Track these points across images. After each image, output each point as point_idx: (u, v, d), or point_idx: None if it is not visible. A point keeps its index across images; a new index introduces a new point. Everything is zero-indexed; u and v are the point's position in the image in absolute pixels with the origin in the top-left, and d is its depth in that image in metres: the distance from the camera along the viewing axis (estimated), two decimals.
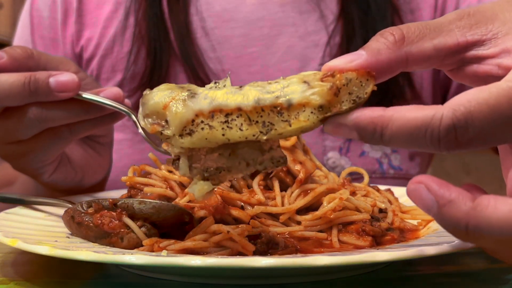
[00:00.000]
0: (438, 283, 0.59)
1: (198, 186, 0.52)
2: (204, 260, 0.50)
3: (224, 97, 0.49)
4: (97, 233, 0.62)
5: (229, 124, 0.49)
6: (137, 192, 0.71)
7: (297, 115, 0.48)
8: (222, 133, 0.49)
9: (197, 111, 0.49)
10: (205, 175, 0.52)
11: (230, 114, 0.49)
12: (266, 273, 0.57)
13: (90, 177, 0.88)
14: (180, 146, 0.50)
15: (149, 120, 0.51)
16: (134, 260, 0.51)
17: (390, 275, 0.61)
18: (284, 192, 0.68)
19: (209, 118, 0.49)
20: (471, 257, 0.67)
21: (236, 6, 1.09)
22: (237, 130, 0.49)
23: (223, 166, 0.51)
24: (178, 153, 0.51)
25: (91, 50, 1.11)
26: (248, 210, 0.65)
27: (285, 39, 1.07)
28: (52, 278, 0.60)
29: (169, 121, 0.50)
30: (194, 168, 0.52)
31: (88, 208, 0.65)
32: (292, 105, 0.48)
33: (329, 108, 0.47)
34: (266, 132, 0.48)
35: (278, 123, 0.48)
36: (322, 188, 0.67)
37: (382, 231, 0.65)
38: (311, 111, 0.47)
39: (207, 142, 0.49)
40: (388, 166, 1.07)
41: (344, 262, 0.51)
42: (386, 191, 0.77)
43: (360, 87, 0.47)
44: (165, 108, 0.50)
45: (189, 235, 0.62)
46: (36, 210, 0.74)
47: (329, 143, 1.05)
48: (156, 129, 0.50)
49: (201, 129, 0.49)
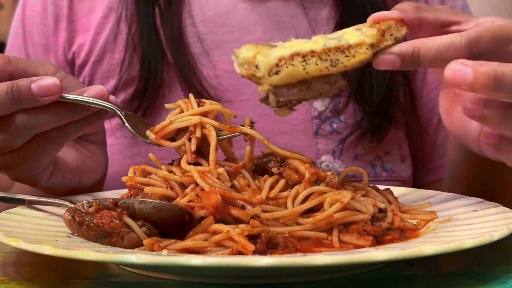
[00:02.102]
0: (438, 283, 0.59)
1: (285, 112, 0.69)
2: (204, 260, 0.50)
3: (299, 45, 0.66)
4: (98, 232, 0.63)
5: (307, 62, 0.65)
6: (137, 192, 0.71)
7: (355, 52, 0.66)
8: (303, 67, 0.65)
9: (280, 56, 0.65)
10: (288, 105, 0.69)
11: (305, 56, 0.65)
12: (266, 272, 0.57)
13: (89, 177, 0.88)
14: (270, 83, 0.66)
15: (245, 67, 0.67)
16: (135, 259, 0.52)
17: (390, 275, 0.61)
18: (288, 192, 0.69)
19: (290, 60, 0.65)
20: (471, 257, 0.67)
21: (229, 11, 1.09)
22: (314, 65, 0.65)
23: (302, 98, 0.68)
24: (267, 90, 0.66)
25: (83, 56, 1.11)
26: (248, 210, 0.65)
27: None
28: (53, 277, 0.61)
29: (258, 66, 0.66)
30: (280, 102, 0.68)
31: (89, 208, 0.66)
32: (351, 46, 0.66)
33: (377, 45, 0.66)
34: (334, 65, 0.66)
35: (342, 58, 0.66)
36: (329, 195, 0.67)
37: (383, 231, 0.65)
38: (366, 47, 0.66)
39: (291, 77, 0.65)
40: (381, 169, 1.07)
41: (344, 261, 0.51)
42: (385, 190, 0.77)
43: (397, 31, 0.67)
44: (254, 58, 0.66)
45: (189, 235, 0.62)
46: (37, 210, 0.74)
47: (322, 146, 1.06)
48: (250, 72, 0.66)
49: (286, 67, 0.65)
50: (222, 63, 1.07)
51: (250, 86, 1.05)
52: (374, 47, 0.66)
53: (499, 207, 0.71)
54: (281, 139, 1.05)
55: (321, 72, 0.65)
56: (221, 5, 1.10)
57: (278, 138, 1.05)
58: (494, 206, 0.72)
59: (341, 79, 0.69)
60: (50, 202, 0.75)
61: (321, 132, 1.06)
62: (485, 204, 0.73)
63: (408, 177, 1.11)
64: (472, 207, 0.73)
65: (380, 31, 0.66)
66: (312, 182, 0.70)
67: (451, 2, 1.16)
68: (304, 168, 0.70)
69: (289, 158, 0.72)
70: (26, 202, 0.75)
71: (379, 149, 1.07)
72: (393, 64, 0.66)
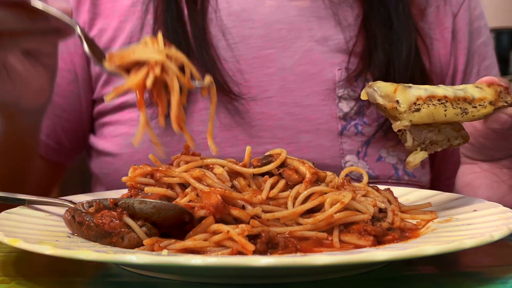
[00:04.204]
0: (438, 283, 0.59)
1: (420, 154, 0.72)
2: (204, 260, 0.50)
3: (431, 89, 0.71)
4: (98, 232, 0.63)
5: (445, 105, 0.70)
6: (137, 192, 0.71)
7: (480, 106, 0.72)
8: (444, 109, 0.70)
9: (417, 96, 0.70)
10: (421, 146, 0.72)
11: (440, 99, 0.70)
12: (266, 272, 0.57)
13: (29, 97, 0.84)
14: (410, 119, 0.69)
15: (386, 99, 0.70)
16: (135, 259, 0.52)
17: (390, 275, 0.61)
18: (288, 192, 0.69)
19: (427, 101, 0.70)
20: (471, 257, 0.67)
21: (255, 6, 1.07)
22: (451, 109, 0.70)
23: (434, 140, 0.72)
24: (405, 126, 0.70)
25: (105, 42, 1.08)
26: (248, 210, 0.65)
27: (302, 43, 1.06)
28: (53, 277, 0.61)
29: (400, 100, 0.69)
30: (415, 141, 0.71)
31: (89, 207, 0.66)
32: (475, 99, 0.72)
33: (494, 104, 0.73)
34: (465, 113, 0.71)
35: (470, 108, 0.72)
36: (330, 195, 0.67)
37: (383, 231, 0.65)
38: (488, 103, 0.72)
39: (431, 117, 0.70)
40: (403, 172, 1.07)
41: (344, 261, 0.51)
42: (385, 190, 0.77)
43: (505, 96, 0.74)
44: (395, 92, 0.70)
45: (189, 234, 0.62)
46: (37, 209, 0.74)
47: (346, 146, 1.05)
48: (393, 105, 0.69)
49: (427, 106, 0.69)
50: (246, 59, 1.06)
51: (275, 83, 1.05)
52: (492, 104, 0.73)
53: (499, 207, 0.71)
54: (306, 137, 1.04)
55: (455, 117, 0.71)
56: (248, 0, 1.08)
57: (302, 136, 1.04)
58: (494, 206, 0.72)
59: (463, 129, 0.74)
60: (50, 202, 0.75)
61: (346, 133, 1.05)
62: (485, 204, 0.73)
63: (427, 183, 1.11)
64: (472, 207, 0.73)
65: (496, 92, 0.73)
66: (313, 182, 0.70)
67: (468, 14, 1.15)
68: (304, 168, 0.70)
69: (288, 159, 0.72)
70: (26, 202, 0.75)
71: (401, 153, 1.07)
72: (505, 123, 0.74)
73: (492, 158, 0.88)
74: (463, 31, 1.14)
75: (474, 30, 1.15)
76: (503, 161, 0.89)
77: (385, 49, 1.05)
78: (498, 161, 0.89)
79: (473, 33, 1.15)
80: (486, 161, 0.89)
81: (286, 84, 1.05)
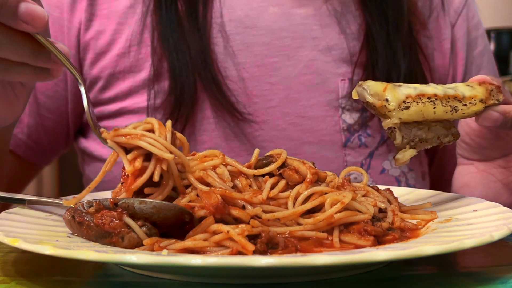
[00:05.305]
0: (438, 283, 0.59)
1: (409, 152, 0.73)
2: (204, 260, 0.50)
3: (421, 87, 0.72)
4: (98, 232, 0.63)
5: (434, 102, 0.71)
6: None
7: (470, 104, 0.73)
8: (433, 107, 0.71)
9: (407, 94, 0.71)
10: (411, 144, 0.73)
11: (430, 97, 0.71)
12: (266, 272, 0.57)
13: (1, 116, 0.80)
14: (400, 117, 0.70)
15: (375, 98, 0.71)
16: (135, 259, 0.52)
17: (390, 275, 0.61)
18: (288, 192, 0.69)
19: (416, 99, 0.71)
20: (471, 257, 0.67)
21: (259, 13, 1.06)
22: (440, 107, 0.72)
23: (424, 138, 0.73)
24: (394, 124, 0.71)
25: (102, 44, 1.05)
26: (248, 210, 0.65)
27: (306, 52, 1.06)
28: (53, 277, 0.61)
29: (389, 99, 0.70)
30: (404, 138, 0.72)
31: (89, 207, 0.66)
32: (465, 97, 0.73)
33: (485, 102, 0.74)
34: (455, 111, 0.73)
35: (460, 106, 0.73)
36: (330, 195, 0.67)
37: (383, 231, 0.66)
38: (478, 101, 0.73)
39: (420, 115, 0.71)
40: (406, 185, 1.08)
41: (344, 261, 0.51)
42: (385, 190, 0.77)
43: (497, 94, 0.75)
44: (384, 90, 0.71)
45: (189, 234, 0.62)
46: (37, 210, 0.74)
47: (350, 158, 1.05)
48: (383, 103, 0.70)
49: (416, 104, 0.71)
50: (249, 67, 1.04)
51: (278, 93, 1.04)
52: (483, 102, 0.74)
53: (499, 207, 0.71)
54: (309, 149, 1.04)
55: (445, 115, 0.72)
56: (252, 6, 1.06)
57: (305, 148, 1.04)
58: (494, 206, 0.72)
59: (454, 126, 0.75)
60: (50, 202, 0.75)
61: (350, 145, 1.05)
62: (485, 204, 0.73)
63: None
64: (472, 207, 0.73)
65: (488, 91, 0.74)
66: (313, 182, 0.70)
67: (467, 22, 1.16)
68: (305, 169, 0.70)
69: (288, 159, 0.72)
70: (26, 202, 0.75)
71: (404, 165, 1.07)
72: (496, 121, 0.75)
73: (488, 157, 0.89)
74: (461, 41, 1.15)
75: (471, 41, 1.16)
76: (498, 160, 0.89)
77: (387, 61, 1.05)
78: (494, 161, 0.89)
79: (471, 43, 1.16)
80: (482, 161, 0.89)
81: (290, 94, 1.04)
